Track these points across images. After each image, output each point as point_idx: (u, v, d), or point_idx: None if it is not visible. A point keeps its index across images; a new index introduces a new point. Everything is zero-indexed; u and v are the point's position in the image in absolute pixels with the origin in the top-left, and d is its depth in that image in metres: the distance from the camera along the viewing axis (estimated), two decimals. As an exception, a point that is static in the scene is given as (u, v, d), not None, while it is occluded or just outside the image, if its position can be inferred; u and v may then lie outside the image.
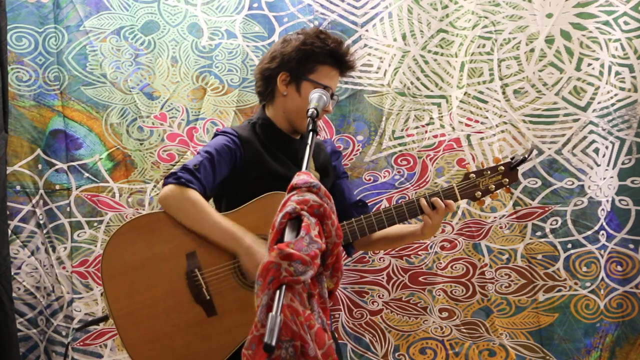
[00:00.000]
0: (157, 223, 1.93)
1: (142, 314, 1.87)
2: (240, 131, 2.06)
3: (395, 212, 1.98)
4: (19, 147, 2.65)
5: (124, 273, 1.89)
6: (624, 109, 2.58)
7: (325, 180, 2.07)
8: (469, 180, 2.02)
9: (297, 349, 1.39)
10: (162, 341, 1.87)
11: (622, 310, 2.60)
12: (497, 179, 2.03)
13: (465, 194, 2.02)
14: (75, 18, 2.66)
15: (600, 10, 2.55)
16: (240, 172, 2.01)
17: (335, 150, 2.25)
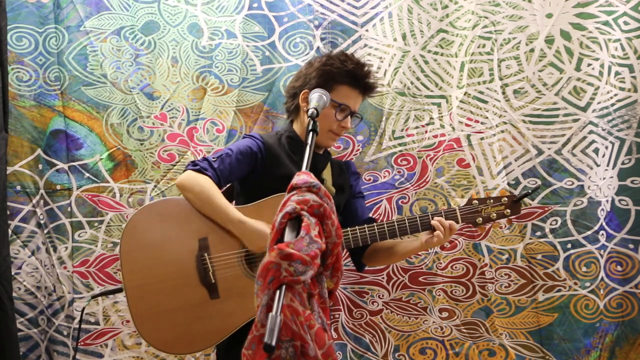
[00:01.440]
0: (175, 207, 2.09)
1: (151, 288, 2.02)
2: (266, 137, 2.21)
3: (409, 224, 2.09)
4: (20, 147, 2.65)
5: (140, 249, 2.05)
6: (623, 109, 2.58)
7: (340, 197, 2.22)
8: (472, 206, 2.13)
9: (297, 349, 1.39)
10: (165, 315, 2.01)
11: (622, 310, 2.61)
12: (499, 209, 2.13)
13: (466, 218, 2.12)
14: (75, 18, 2.66)
15: (600, 11, 2.55)
16: (261, 174, 2.14)
17: (355, 172, 2.39)
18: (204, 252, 2.04)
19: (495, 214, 2.13)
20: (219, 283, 2.01)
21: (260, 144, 2.16)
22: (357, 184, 2.35)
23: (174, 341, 2.00)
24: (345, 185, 2.27)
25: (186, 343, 1.99)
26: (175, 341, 2.00)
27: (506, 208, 2.14)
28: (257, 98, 2.70)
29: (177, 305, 2.01)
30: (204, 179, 2.07)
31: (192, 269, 2.03)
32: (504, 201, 2.14)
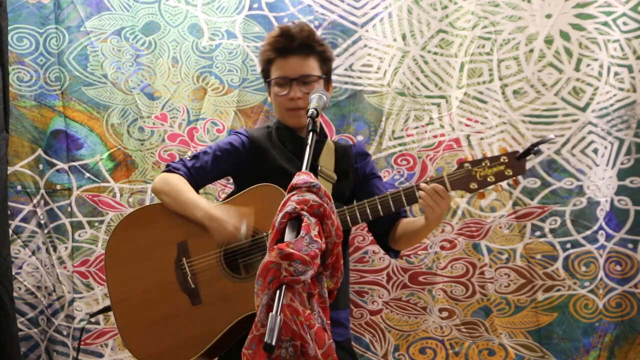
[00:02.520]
0: (154, 214, 2.02)
1: (136, 301, 1.96)
2: (252, 131, 2.15)
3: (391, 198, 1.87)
4: (20, 147, 2.66)
5: (122, 262, 2.00)
6: (622, 109, 2.58)
7: (345, 183, 2.09)
8: (462, 170, 1.80)
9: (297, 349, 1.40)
10: (152, 328, 1.94)
11: (621, 310, 2.61)
12: (499, 170, 1.78)
13: (457, 184, 1.80)
14: (76, 19, 2.67)
15: (599, 11, 2.55)
16: (248, 168, 2.07)
17: (361, 152, 2.22)
18: (182, 256, 1.96)
19: (493, 176, 1.77)
20: (200, 287, 1.93)
21: (243, 139, 2.10)
22: (365, 165, 2.18)
23: (162, 353, 1.93)
24: (349, 169, 2.13)
25: (174, 354, 1.91)
26: (163, 353, 1.93)
27: (507, 167, 1.77)
28: (258, 98, 2.70)
29: (161, 316, 1.94)
30: (174, 177, 2.02)
31: (172, 276, 1.95)
32: (503, 160, 1.78)
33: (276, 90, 2.06)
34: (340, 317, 2.03)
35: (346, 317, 2.11)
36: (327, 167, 2.06)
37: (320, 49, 2.08)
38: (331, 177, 2.04)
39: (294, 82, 2.02)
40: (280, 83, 2.05)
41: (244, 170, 2.08)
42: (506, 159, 1.78)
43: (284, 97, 2.04)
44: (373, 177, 2.18)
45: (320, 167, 2.03)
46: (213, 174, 2.10)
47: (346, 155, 2.15)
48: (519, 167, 1.79)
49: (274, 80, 2.06)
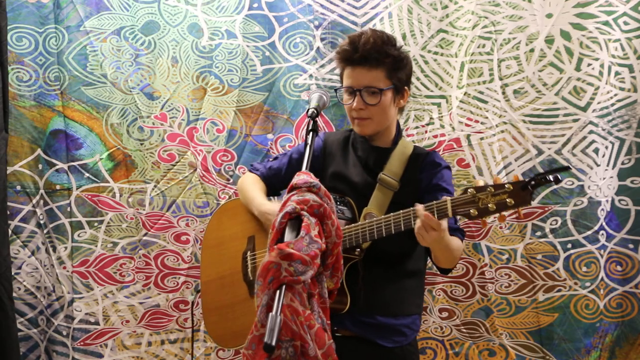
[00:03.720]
0: (239, 207, 2.20)
1: (214, 284, 2.19)
2: (329, 135, 2.23)
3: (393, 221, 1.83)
4: (20, 147, 2.66)
5: (210, 247, 2.26)
6: (623, 109, 2.58)
7: (406, 192, 2.00)
8: (466, 196, 1.70)
9: (297, 349, 1.39)
10: (222, 311, 2.15)
11: (622, 310, 2.60)
12: (501, 199, 1.65)
13: (458, 211, 1.71)
14: (75, 18, 2.66)
15: (600, 11, 2.55)
16: (319, 173, 2.06)
17: (432, 162, 2.08)
18: (248, 250, 2.11)
19: (494, 204, 1.65)
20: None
21: (319, 142, 2.16)
22: (432, 175, 2.04)
23: (224, 336, 2.13)
24: (414, 179, 2.04)
25: (230, 338, 2.10)
26: (225, 336, 2.13)
27: (509, 196, 1.63)
28: (257, 98, 2.70)
29: (228, 302, 2.12)
30: (248, 176, 2.22)
31: (238, 267, 2.12)
32: (507, 188, 1.64)
33: (344, 99, 2.05)
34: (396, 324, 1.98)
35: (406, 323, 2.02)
36: (393, 174, 2.02)
37: (387, 60, 1.99)
38: (392, 185, 2.00)
39: (358, 93, 1.99)
40: (347, 91, 2.03)
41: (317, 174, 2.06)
42: (510, 187, 1.64)
43: (349, 107, 2.04)
44: (438, 190, 2.00)
45: (381, 175, 2.01)
46: (289, 176, 1.99)
47: (416, 164, 2.07)
48: (523, 197, 1.63)
49: (341, 90, 2.07)
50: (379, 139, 2.09)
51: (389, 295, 1.97)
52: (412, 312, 2.03)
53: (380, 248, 1.91)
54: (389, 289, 1.97)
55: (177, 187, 2.68)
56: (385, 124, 2.06)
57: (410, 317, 2.02)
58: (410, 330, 2.01)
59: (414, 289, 2.06)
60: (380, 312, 1.96)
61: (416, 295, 2.08)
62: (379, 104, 1.99)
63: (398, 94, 2.05)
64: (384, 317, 1.96)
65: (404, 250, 2.01)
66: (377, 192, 1.99)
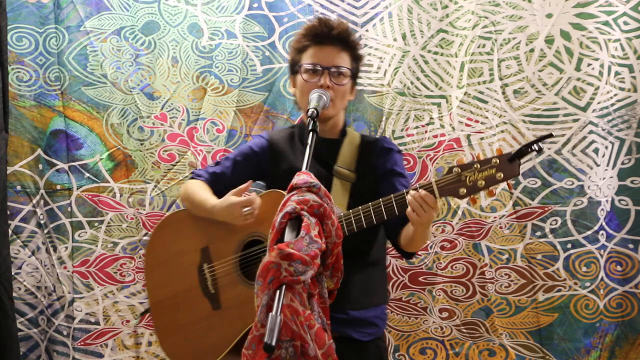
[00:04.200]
0: (184, 219, 2.09)
1: (166, 304, 2.06)
2: (273, 134, 2.17)
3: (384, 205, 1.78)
4: (20, 147, 2.66)
5: (156, 266, 2.11)
6: (623, 109, 2.58)
7: (364, 181, 2.01)
8: (451, 175, 1.66)
9: (297, 349, 1.40)
10: (180, 332, 2.03)
11: (622, 310, 2.60)
12: (489, 173, 1.62)
13: (445, 191, 1.67)
14: (75, 18, 2.66)
15: (600, 11, 2.55)
16: (268, 174, 2.08)
17: (384, 147, 2.08)
18: (204, 262, 2.01)
19: (483, 180, 1.62)
20: (220, 292, 1.97)
21: (263, 142, 2.11)
22: (387, 161, 2.04)
23: (190, 355, 2.01)
24: (370, 167, 2.03)
25: (203, 356, 1.97)
26: (192, 355, 2.01)
27: (498, 170, 1.61)
28: (257, 98, 2.70)
29: (188, 319, 2.01)
30: (192, 183, 2.09)
31: (195, 282, 2.01)
32: (495, 162, 1.61)
33: (305, 77, 1.98)
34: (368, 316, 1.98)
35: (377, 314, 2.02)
36: (347, 165, 2.01)
37: (355, 45, 2.04)
38: (348, 177, 1.99)
39: (326, 71, 1.96)
40: (310, 70, 1.98)
41: (265, 175, 2.09)
42: (497, 161, 1.62)
43: (313, 84, 1.95)
44: (393, 175, 2.03)
45: (336, 167, 1.99)
46: (235, 180, 2.04)
47: (369, 151, 2.06)
48: (511, 170, 1.61)
49: (305, 66, 1.99)
50: (329, 130, 2.04)
51: (357, 288, 1.94)
52: (380, 303, 2.04)
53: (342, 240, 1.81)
54: (356, 282, 1.94)
55: (177, 187, 2.68)
56: (339, 111, 2.05)
57: (379, 307, 2.02)
58: (381, 320, 2.02)
59: (379, 279, 2.06)
60: (350, 306, 1.93)
61: (382, 285, 2.08)
62: (344, 86, 2.00)
63: (353, 86, 2.07)
64: (355, 310, 1.94)
65: (366, 240, 1.98)
66: (335, 185, 1.97)
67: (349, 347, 1.89)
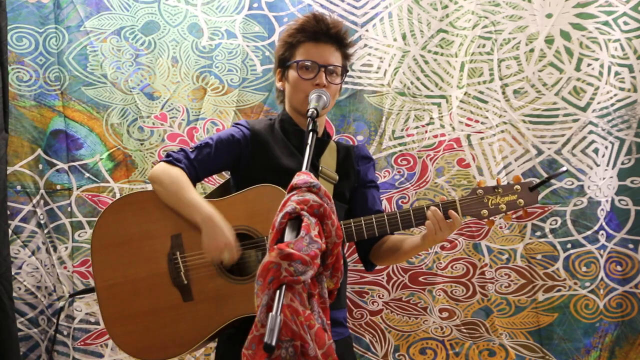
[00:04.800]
0: (149, 201, 1.95)
1: (123, 289, 1.91)
2: (254, 123, 2.07)
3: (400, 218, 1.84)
4: (20, 147, 2.66)
5: (111, 246, 1.93)
6: (623, 109, 2.58)
7: (345, 183, 2.03)
8: (475, 197, 1.82)
9: (297, 349, 1.39)
10: (137, 319, 1.89)
11: (622, 310, 2.61)
12: (511, 199, 1.81)
13: (468, 211, 1.81)
14: (75, 18, 2.66)
15: (600, 11, 2.55)
16: (248, 162, 2.01)
17: (364, 156, 2.14)
18: (176, 250, 1.91)
19: (504, 204, 1.80)
20: (193, 284, 1.88)
21: (245, 131, 2.02)
22: (366, 171, 2.11)
23: (146, 346, 1.89)
24: (351, 170, 2.07)
25: (159, 348, 1.88)
26: (147, 346, 1.89)
27: (519, 197, 1.80)
28: (257, 98, 2.70)
29: (148, 307, 1.89)
30: (176, 170, 1.94)
31: (163, 269, 1.90)
32: (516, 189, 1.81)
33: (300, 73, 1.96)
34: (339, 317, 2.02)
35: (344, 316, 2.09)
36: (328, 167, 2.02)
37: (348, 46, 2.04)
38: (332, 177, 2.01)
39: (321, 69, 1.95)
40: (306, 67, 1.96)
41: (244, 164, 2.02)
42: (519, 189, 1.81)
43: (309, 82, 1.95)
44: (372, 186, 2.11)
45: (321, 167, 2.00)
46: (215, 167, 2.04)
47: (348, 156, 2.10)
48: (532, 197, 1.81)
49: (299, 62, 1.97)
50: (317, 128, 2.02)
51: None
52: (344, 305, 2.07)
53: None
54: None
55: (177, 187, 2.67)
56: (328, 110, 2.05)
57: (345, 309, 2.07)
58: (346, 321, 2.07)
59: (344, 282, 2.08)
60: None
61: (345, 288, 2.13)
62: (337, 85, 2.00)
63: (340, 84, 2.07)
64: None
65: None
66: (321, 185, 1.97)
67: None
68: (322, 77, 1.95)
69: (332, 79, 1.98)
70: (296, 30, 2.00)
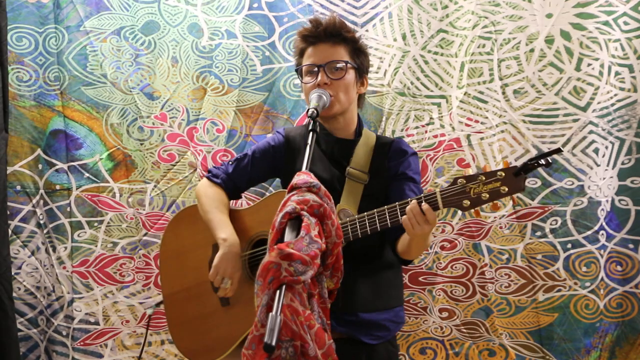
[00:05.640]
0: (197, 214, 2.09)
1: (179, 296, 2.09)
2: (290, 130, 2.13)
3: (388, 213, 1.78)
4: (20, 147, 2.66)
5: (170, 257, 2.14)
6: (623, 109, 2.58)
7: (376, 182, 1.99)
8: (456, 186, 1.67)
9: (297, 349, 1.39)
10: (189, 324, 2.06)
11: (622, 310, 2.60)
12: (494, 187, 1.63)
13: (449, 202, 1.67)
14: (75, 18, 2.66)
15: (600, 11, 2.55)
16: (283, 170, 2.06)
17: (399, 149, 2.06)
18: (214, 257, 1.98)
19: (487, 193, 1.63)
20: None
21: (280, 138, 2.09)
22: (399, 164, 2.02)
23: (196, 349, 2.03)
24: (383, 168, 2.01)
25: (206, 351, 1.99)
26: (198, 350, 2.02)
27: (503, 184, 1.62)
28: (257, 98, 2.70)
29: (197, 313, 2.04)
30: (213, 190, 2.07)
31: (206, 277, 1.99)
32: (500, 175, 1.62)
33: (306, 80, 2.00)
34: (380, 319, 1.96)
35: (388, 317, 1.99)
36: (360, 167, 1.99)
37: (350, 36, 2.03)
38: (361, 178, 1.97)
39: (322, 69, 1.96)
40: (310, 71, 2.00)
41: (281, 171, 2.08)
42: (502, 175, 1.63)
43: (312, 84, 1.97)
44: (403, 178, 2.01)
45: (349, 168, 1.98)
46: (254, 177, 2.11)
47: (383, 153, 2.04)
48: (517, 184, 1.62)
49: (304, 68, 2.01)
50: (342, 130, 2.05)
51: (367, 290, 1.93)
52: (393, 305, 2.00)
53: (352, 243, 1.83)
54: (367, 284, 1.93)
55: (177, 187, 2.68)
56: (347, 105, 2.01)
57: (392, 310, 1.99)
58: (393, 323, 1.98)
59: (392, 281, 2.03)
60: (360, 309, 1.91)
61: (395, 287, 2.05)
62: (342, 79, 1.98)
63: (360, 78, 2.05)
64: (365, 312, 1.92)
65: (376, 244, 1.97)
66: (347, 186, 1.96)
67: (357, 349, 1.89)
68: (323, 76, 1.96)
69: (335, 74, 1.97)
70: (299, 39, 2.05)
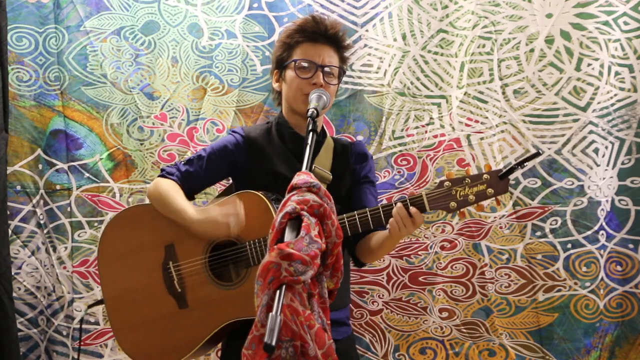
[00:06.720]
0: (145, 214, 2.04)
1: (125, 299, 2.01)
2: (249, 130, 2.09)
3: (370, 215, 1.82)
4: (20, 147, 2.66)
5: (113, 260, 2.05)
6: (623, 109, 2.58)
7: (341, 183, 2.03)
8: (442, 189, 1.75)
9: (297, 349, 1.39)
10: (140, 328, 1.99)
11: (622, 310, 2.61)
12: (480, 189, 1.73)
13: (436, 205, 1.75)
14: (75, 18, 2.66)
15: (600, 11, 2.55)
16: (245, 170, 2.04)
17: (360, 153, 2.13)
18: (169, 260, 1.98)
19: (473, 195, 1.72)
20: (187, 292, 1.95)
21: (238, 139, 2.05)
22: (362, 167, 2.10)
23: (151, 354, 1.98)
24: (347, 169, 2.07)
25: (161, 355, 1.96)
26: (152, 353, 1.98)
27: (488, 187, 1.72)
28: (257, 98, 2.70)
29: (149, 316, 1.98)
30: (166, 183, 2.00)
31: (159, 279, 1.98)
32: (485, 178, 1.72)
33: (297, 73, 1.97)
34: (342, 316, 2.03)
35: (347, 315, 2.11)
36: (323, 167, 2.02)
37: (345, 47, 2.06)
38: (325, 177, 1.99)
39: (319, 69, 1.96)
40: (303, 66, 1.97)
41: (242, 172, 2.05)
42: (488, 177, 1.73)
43: (306, 81, 1.96)
44: (365, 182, 2.10)
45: (314, 167, 1.99)
46: (209, 178, 2.08)
47: (345, 154, 2.10)
48: (501, 186, 1.72)
49: (297, 61, 1.98)
50: None
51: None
52: (347, 303, 2.10)
53: None
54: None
55: (177, 187, 2.68)
56: (326, 111, 2.04)
57: (347, 307, 2.09)
58: (349, 320, 2.10)
59: (347, 280, 2.10)
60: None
61: (347, 286, 2.13)
62: (334, 86, 2.02)
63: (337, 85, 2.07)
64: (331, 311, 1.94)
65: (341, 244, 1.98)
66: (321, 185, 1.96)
67: None
68: (320, 77, 1.96)
69: (329, 79, 1.99)
70: (294, 30, 2.02)
